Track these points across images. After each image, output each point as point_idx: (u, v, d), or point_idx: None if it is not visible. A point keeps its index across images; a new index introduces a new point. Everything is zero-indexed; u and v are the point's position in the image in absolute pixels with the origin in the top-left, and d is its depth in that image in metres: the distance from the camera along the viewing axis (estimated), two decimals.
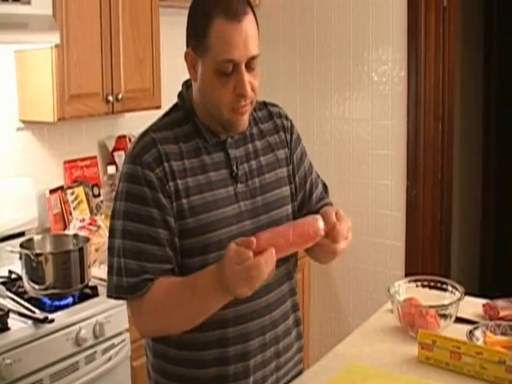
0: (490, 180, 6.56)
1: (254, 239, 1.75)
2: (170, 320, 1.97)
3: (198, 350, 2.05)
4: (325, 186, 2.39)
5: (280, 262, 2.10)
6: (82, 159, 3.99)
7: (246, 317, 2.06)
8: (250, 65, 1.95)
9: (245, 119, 2.01)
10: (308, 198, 2.26)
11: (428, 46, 4.24)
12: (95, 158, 4.08)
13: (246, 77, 1.93)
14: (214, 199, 2.00)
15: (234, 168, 2.06)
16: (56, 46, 3.24)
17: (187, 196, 1.97)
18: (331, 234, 1.91)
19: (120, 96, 3.63)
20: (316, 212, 2.07)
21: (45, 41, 3.20)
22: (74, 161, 3.94)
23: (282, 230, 1.85)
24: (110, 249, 2.01)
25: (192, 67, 2.01)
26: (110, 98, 3.58)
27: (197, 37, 1.96)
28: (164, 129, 2.04)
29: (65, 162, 3.90)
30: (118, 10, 3.59)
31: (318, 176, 2.38)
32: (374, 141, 4.45)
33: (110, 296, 2.02)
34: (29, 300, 2.98)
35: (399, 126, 4.34)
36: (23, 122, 3.62)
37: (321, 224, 1.88)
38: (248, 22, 1.92)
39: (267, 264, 1.75)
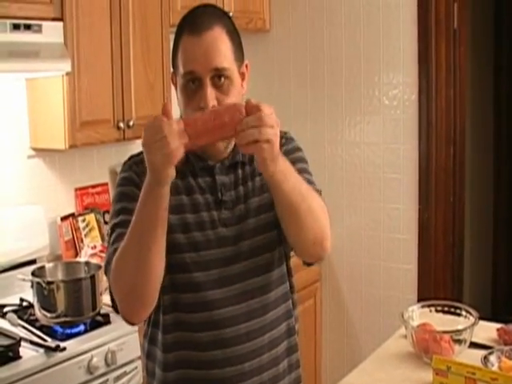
0: (501, 203, 6.53)
1: (168, 106, 1.73)
2: (128, 270, 1.87)
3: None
4: (318, 192, 2.24)
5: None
6: (94, 186, 4.00)
7: (222, 343, 2.03)
8: (217, 81, 1.93)
9: (218, 145, 2.00)
10: None
11: (439, 69, 4.23)
12: (106, 184, 4.09)
13: (210, 91, 1.91)
14: (195, 221, 2.00)
15: (219, 194, 2.05)
16: (67, 73, 3.26)
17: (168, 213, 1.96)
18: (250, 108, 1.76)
19: (131, 122, 3.64)
20: None
21: (56, 69, 3.22)
22: (86, 188, 3.95)
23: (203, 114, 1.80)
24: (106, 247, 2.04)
25: (176, 89, 2.04)
26: (121, 124, 3.59)
27: (173, 57, 2.01)
28: None
29: (76, 189, 3.90)
30: (129, 37, 3.61)
31: (314, 183, 2.19)
32: (385, 165, 4.44)
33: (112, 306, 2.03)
34: (40, 328, 2.97)
35: (411, 149, 4.33)
36: (34, 149, 3.63)
37: (242, 107, 1.76)
38: (212, 37, 1.92)
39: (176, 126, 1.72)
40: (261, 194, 2.11)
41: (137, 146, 3.99)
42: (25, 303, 3.25)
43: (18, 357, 2.72)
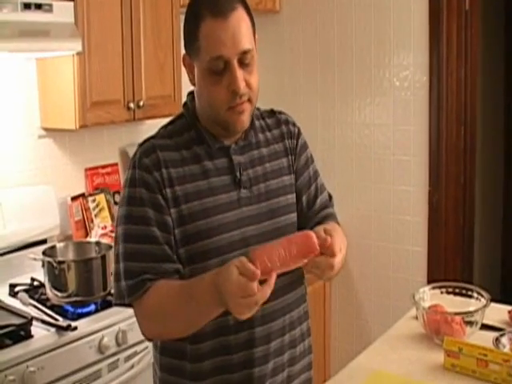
0: (511, 185, 6.51)
1: (258, 272, 1.70)
2: (168, 325, 1.95)
3: (198, 361, 2.04)
4: (330, 196, 2.33)
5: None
6: (104, 166, 4.00)
7: (249, 324, 2.02)
8: (243, 61, 1.91)
9: (243, 118, 1.98)
10: (312, 202, 2.22)
11: (450, 51, 4.21)
12: (116, 165, 4.09)
13: (239, 73, 1.90)
14: (214, 205, 1.99)
15: (238, 174, 2.04)
16: (78, 53, 3.25)
17: (186, 202, 1.96)
18: (325, 248, 1.84)
19: (141, 103, 3.64)
20: (316, 224, 2.13)
21: (67, 48, 3.21)
22: (96, 168, 3.95)
23: (278, 250, 1.79)
24: (115, 256, 2.02)
25: (190, 72, 2.02)
26: (132, 105, 3.59)
27: (189, 40, 1.97)
28: (166, 137, 2.04)
29: (86, 170, 3.91)
30: (139, 17, 3.60)
31: (325, 188, 2.32)
32: (395, 146, 4.42)
33: (115, 304, 2.02)
34: (51, 307, 2.99)
35: (421, 131, 4.32)
36: (45, 129, 3.63)
37: (315, 239, 1.82)
38: (236, 18, 1.90)
39: (270, 290, 1.74)
40: (279, 177, 2.13)
41: (147, 127, 4.02)
42: (36, 283, 3.26)
43: (29, 336, 2.73)
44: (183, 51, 2.04)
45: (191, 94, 2.11)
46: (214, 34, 1.88)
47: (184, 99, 2.16)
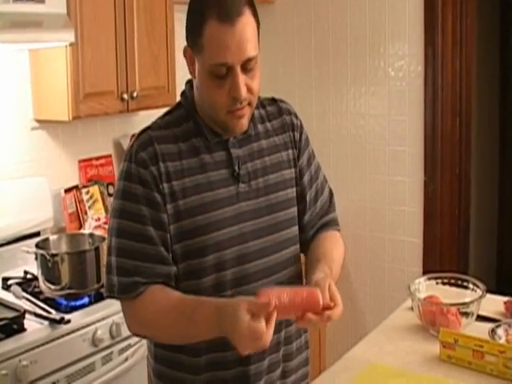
0: (507, 174, 6.51)
1: (272, 301, 1.68)
2: (160, 335, 1.97)
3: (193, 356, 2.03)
4: (330, 194, 2.30)
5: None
6: (97, 158, 3.98)
7: None
8: (246, 66, 1.87)
9: (242, 122, 1.96)
10: (313, 203, 2.20)
11: (445, 41, 4.20)
12: (110, 156, 4.07)
13: (241, 79, 1.87)
14: (213, 199, 1.96)
15: (236, 167, 2.01)
16: (71, 44, 3.23)
17: (184, 197, 1.93)
18: (325, 315, 1.78)
19: (135, 94, 3.61)
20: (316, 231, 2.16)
21: (59, 39, 3.18)
22: (89, 160, 3.93)
23: (283, 294, 1.75)
24: (107, 248, 1.99)
25: (191, 64, 1.97)
26: (125, 96, 3.57)
27: (192, 35, 1.92)
28: (164, 127, 2.00)
29: (80, 161, 3.89)
30: (133, 8, 3.58)
31: (326, 181, 2.30)
32: (390, 136, 4.41)
33: (106, 296, 2.02)
34: (44, 300, 2.97)
35: (416, 121, 4.31)
36: (38, 121, 3.61)
37: (320, 301, 1.76)
38: (243, 24, 1.84)
39: (272, 330, 1.71)
40: (279, 171, 2.10)
41: (140, 118, 4.00)
42: (29, 276, 3.25)
43: (22, 329, 2.72)
44: (177, 41, 2.02)
45: (189, 82, 2.07)
46: (219, 40, 1.84)
47: (178, 90, 2.13)
